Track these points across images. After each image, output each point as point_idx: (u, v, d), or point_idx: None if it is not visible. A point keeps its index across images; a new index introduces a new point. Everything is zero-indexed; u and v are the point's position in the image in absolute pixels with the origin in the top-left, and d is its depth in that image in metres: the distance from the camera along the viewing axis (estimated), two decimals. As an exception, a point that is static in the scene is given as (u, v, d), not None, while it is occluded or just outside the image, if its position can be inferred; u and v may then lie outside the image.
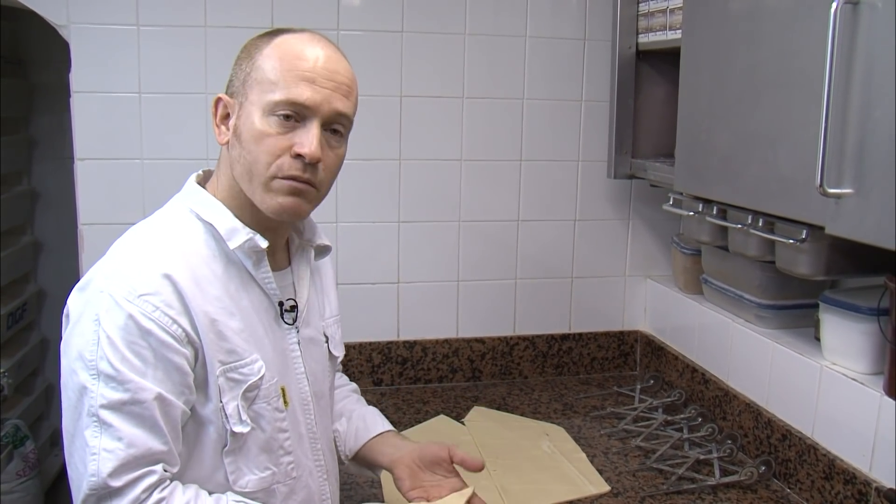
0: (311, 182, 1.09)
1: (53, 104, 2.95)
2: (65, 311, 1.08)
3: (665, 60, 1.97)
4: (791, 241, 1.44)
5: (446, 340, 2.16)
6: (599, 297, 2.26)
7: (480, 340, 2.18)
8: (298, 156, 1.07)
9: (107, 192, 1.94)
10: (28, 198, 3.01)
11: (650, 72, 2.02)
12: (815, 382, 1.57)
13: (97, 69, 1.89)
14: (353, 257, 2.07)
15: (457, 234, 2.14)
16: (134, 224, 1.14)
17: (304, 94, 1.06)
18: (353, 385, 1.51)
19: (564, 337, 2.24)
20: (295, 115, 1.07)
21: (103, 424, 0.99)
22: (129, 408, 0.99)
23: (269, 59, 1.08)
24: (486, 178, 2.12)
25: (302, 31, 1.13)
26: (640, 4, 1.96)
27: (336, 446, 1.38)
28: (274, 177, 1.07)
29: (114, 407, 0.99)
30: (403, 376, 2.15)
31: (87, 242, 1.94)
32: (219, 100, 1.13)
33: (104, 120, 1.91)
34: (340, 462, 1.37)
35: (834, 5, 1.13)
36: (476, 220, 2.14)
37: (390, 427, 1.39)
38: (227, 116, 1.12)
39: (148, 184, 1.94)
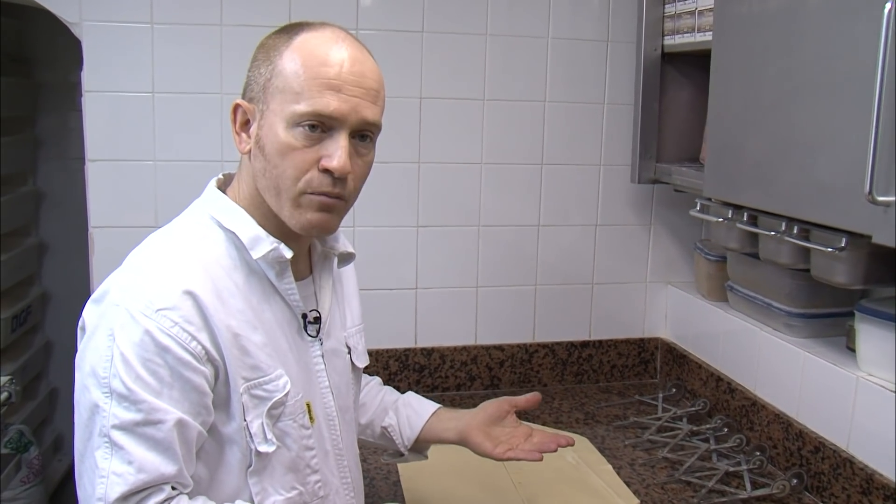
0: (340, 196, 1.05)
1: (59, 104, 2.90)
2: (80, 322, 1.03)
3: (691, 63, 1.93)
4: (829, 249, 1.39)
5: (464, 347, 2.12)
6: (620, 304, 2.21)
7: (499, 348, 2.14)
8: (326, 170, 1.02)
9: (118, 194, 1.89)
10: (33, 198, 2.96)
11: (675, 74, 1.98)
12: (850, 394, 1.53)
13: (109, 68, 1.84)
14: (371, 262, 2.02)
15: (476, 239, 2.09)
16: (145, 227, 1.10)
17: (331, 104, 1.00)
18: (377, 378, 1.48)
19: (584, 344, 2.19)
20: (321, 125, 1.01)
21: (114, 446, 0.94)
22: (141, 429, 0.94)
23: (291, 65, 1.01)
24: (506, 181, 2.08)
25: (322, 25, 1.06)
26: (667, 6, 1.92)
27: (392, 440, 1.37)
28: (303, 192, 1.03)
29: (126, 428, 0.94)
30: (421, 384, 2.10)
31: (98, 246, 1.89)
32: (237, 106, 1.07)
33: (116, 120, 1.86)
34: (364, 474, 1.34)
35: (888, 5, 1.09)
36: (495, 224, 2.09)
37: (437, 405, 1.40)
38: (246, 123, 1.07)
39: (160, 186, 1.90)
